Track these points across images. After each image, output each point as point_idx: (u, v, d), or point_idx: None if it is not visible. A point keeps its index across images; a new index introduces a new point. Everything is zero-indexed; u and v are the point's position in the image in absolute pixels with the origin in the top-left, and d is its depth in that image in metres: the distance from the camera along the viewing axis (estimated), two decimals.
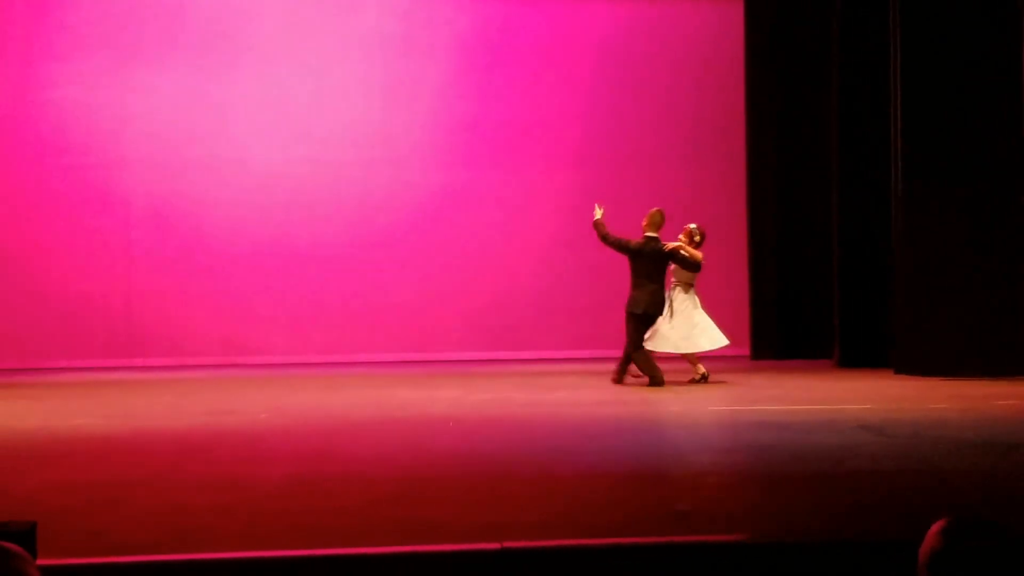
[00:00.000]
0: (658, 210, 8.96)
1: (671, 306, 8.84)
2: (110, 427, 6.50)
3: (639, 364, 8.73)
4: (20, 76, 11.93)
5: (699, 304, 8.94)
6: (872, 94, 10.27)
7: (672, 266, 8.88)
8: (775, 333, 11.56)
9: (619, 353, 9.01)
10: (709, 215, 11.82)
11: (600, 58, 12.29)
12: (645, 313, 8.71)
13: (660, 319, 8.76)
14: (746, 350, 11.57)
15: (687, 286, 8.94)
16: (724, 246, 11.39)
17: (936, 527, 1.81)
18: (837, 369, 10.28)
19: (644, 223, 8.88)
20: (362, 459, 5.24)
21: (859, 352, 10.39)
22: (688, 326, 8.81)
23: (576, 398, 7.93)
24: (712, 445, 5.73)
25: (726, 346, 8.91)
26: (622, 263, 9.60)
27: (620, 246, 8.82)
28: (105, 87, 12.02)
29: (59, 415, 7.16)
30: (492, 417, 6.79)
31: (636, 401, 7.75)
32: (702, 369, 8.94)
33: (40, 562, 2.38)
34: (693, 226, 9.06)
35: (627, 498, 4.26)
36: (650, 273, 8.74)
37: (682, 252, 8.79)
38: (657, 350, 8.77)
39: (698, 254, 8.88)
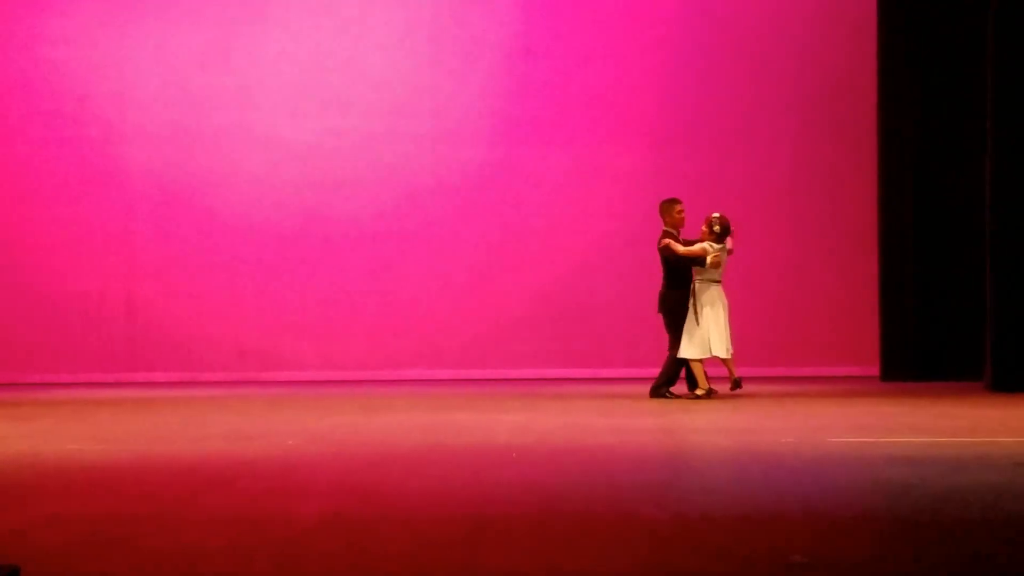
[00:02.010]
0: (664, 200, 9.62)
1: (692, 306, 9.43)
2: (108, 453, 6.60)
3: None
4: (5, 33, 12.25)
5: (715, 305, 9.29)
6: None
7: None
8: (911, 349, 11.40)
9: (722, 371, 9.51)
10: (829, 205, 11.75)
11: (684, 13, 12.25)
12: (662, 314, 9.56)
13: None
14: (875, 369, 11.43)
15: (706, 283, 9.34)
16: (848, 243, 11.28)
17: None
18: (989, 393, 10.10)
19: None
20: (410, 495, 5.26)
21: (1017, 373, 10.19)
22: (687, 330, 9.34)
23: (666, 424, 7.91)
24: (834, 483, 5.65)
25: (723, 356, 9.39)
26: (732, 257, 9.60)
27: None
28: (105, 41, 12.27)
29: (49, 439, 7.29)
30: (565, 447, 6.79)
31: (739, 430, 7.69)
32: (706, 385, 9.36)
33: None
34: (715, 215, 9.41)
35: (730, 546, 4.22)
36: (664, 273, 9.59)
37: (671, 247, 9.34)
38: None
39: (696, 248, 9.31)
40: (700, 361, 9.45)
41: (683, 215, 9.61)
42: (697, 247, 9.40)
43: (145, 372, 12.26)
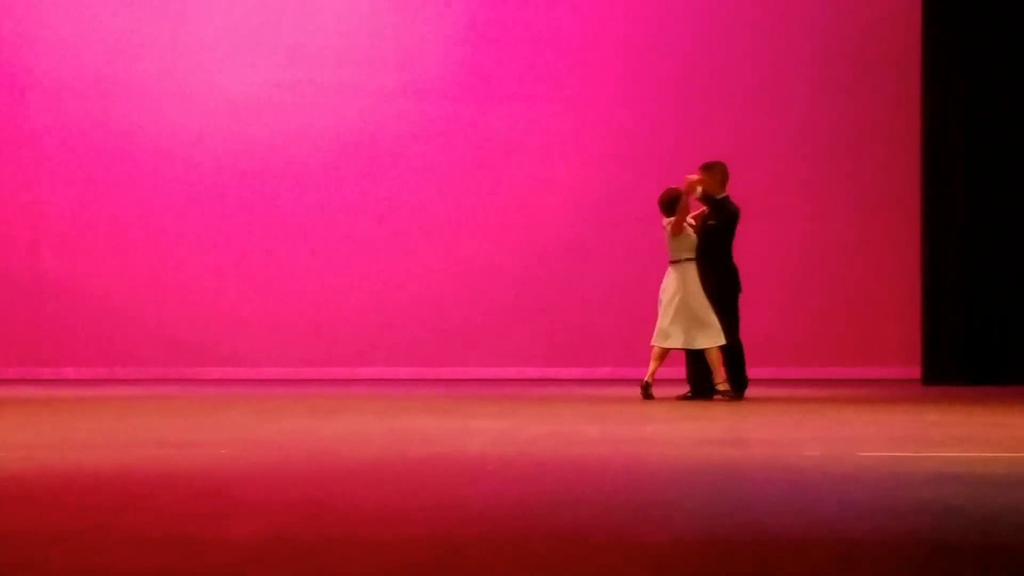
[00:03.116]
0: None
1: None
2: (11, 463, 6.57)
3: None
4: None
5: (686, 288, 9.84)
6: None
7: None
8: (957, 350, 11.47)
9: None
10: (866, 191, 11.79)
11: None
12: None
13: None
14: (916, 371, 11.49)
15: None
16: (887, 233, 11.33)
17: None
18: None
19: None
20: (368, 513, 5.27)
21: None
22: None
23: (669, 434, 7.93)
24: (864, 504, 5.69)
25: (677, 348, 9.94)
26: (737, 243, 9.60)
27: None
28: None
29: None
30: (550, 459, 6.80)
31: (755, 441, 7.72)
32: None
33: None
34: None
35: (739, 575, 4.25)
36: None
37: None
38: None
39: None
40: (719, 351, 9.76)
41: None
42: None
43: (53, 367, 12.23)
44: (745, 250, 10.06)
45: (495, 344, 12.32)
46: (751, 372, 9.99)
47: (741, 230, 9.83)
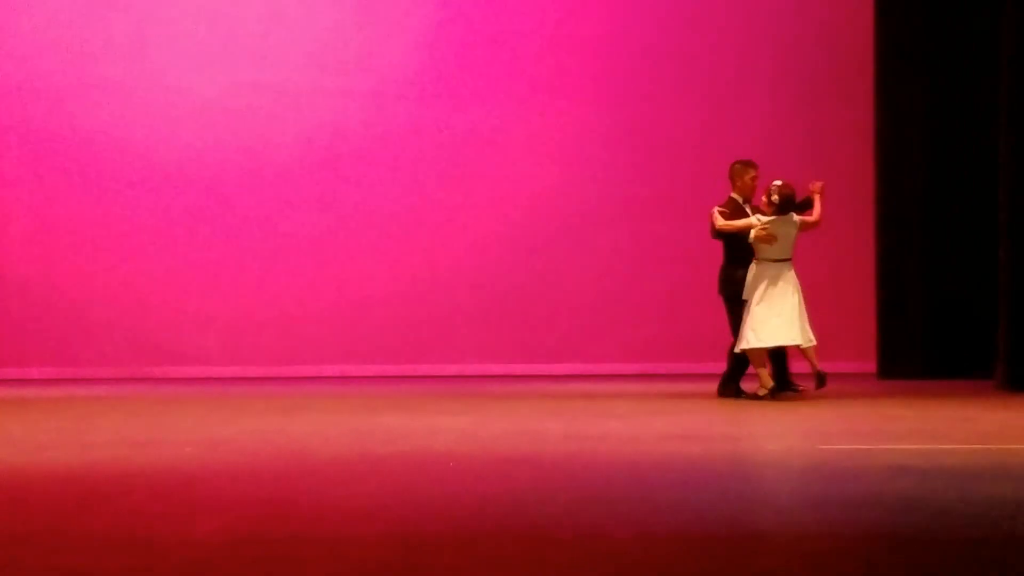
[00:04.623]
0: (735, 163, 9.76)
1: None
2: None
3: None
4: None
5: (772, 287, 9.45)
6: None
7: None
8: (913, 343, 11.51)
9: (709, 367, 9.70)
10: (812, 175, 11.78)
11: None
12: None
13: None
14: (871, 365, 11.53)
15: (763, 263, 9.50)
16: (841, 225, 11.33)
17: None
18: (1001, 393, 10.22)
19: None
20: (332, 512, 5.25)
21: None
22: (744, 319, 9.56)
23: (633, 431, 7.93)
24: (824, 497, 5.71)
25: (766, 345, 9.44)
26: (696, 239, 9.60)
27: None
28: None
29: None
30: (515, 456, 6.79)
31: (717, 436, 7.74)
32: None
33: None
34: (775, 183, 9.48)
35: (703, 569, 4.24)
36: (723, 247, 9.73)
37: (712, 219, 9.55)
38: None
39: (740, 222, 9.44)
40: (762, 352, 9.40)
41: (756, 182, 9.57)
42: (741, 221, 9.40)
43: (16, 367, 12.11)
44: (704, 248, 10.06)
45: (460, 341, 12.29)
46: (713, 367, 9.99)
47: (699, 226, 9.80)
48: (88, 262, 12.21)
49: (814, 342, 9.43)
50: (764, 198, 9.41)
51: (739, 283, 9.46)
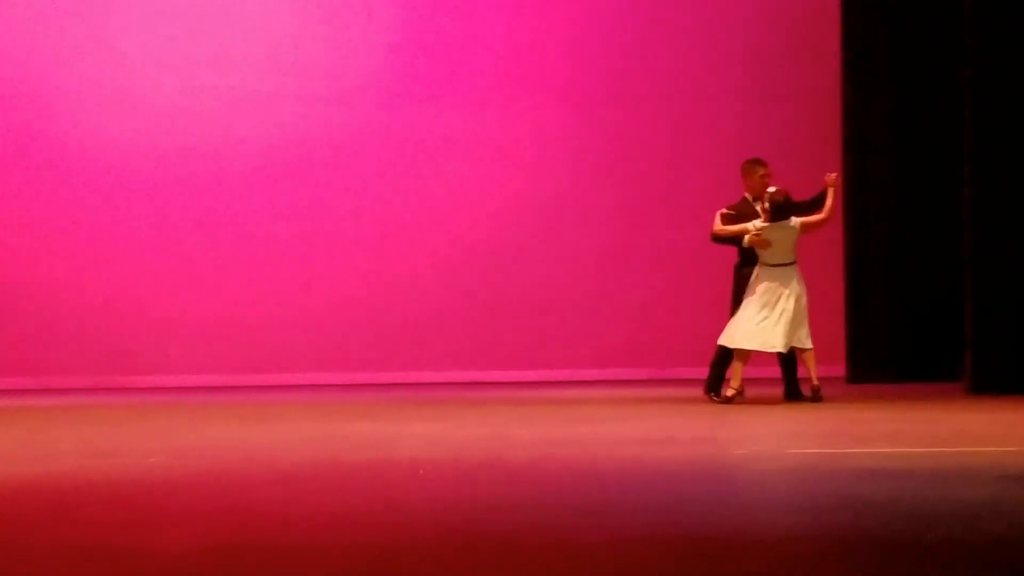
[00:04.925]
0: (745, 162, 9.92)
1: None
2: None
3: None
4: None
5: (766, 292, 9.57)
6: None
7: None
8: (881, 348, 11.56)
9: (676, 372, 9.39)
10: (784, 184, 11.80)
11: None
12: None
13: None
14: (840, 369, 11.58)
15: (764, 268, 9.63)
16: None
17: None
18: (969, 397, 10.29)
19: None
20: (298, 520, 5.22)
21: (1000, 374, 10.39)
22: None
23: (602, 434, 7.94)
24: (793, 501, 5.72)
25: (749, 348, 9.57)
26: (667, 243, 9.61)
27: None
28: None
29: None
30: (483, 462, 6.78)
31: (686, 440, 7.75)
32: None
33: None
34: (769, 190, 9.63)
35: (679, 574, 4.24)
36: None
37: (714, 223, 9.75)
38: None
39: (734, 227, 9.64)
40: (743, 353, 9.55)
41: (767, 180, 9.68)
42: (736, 226, 9.63)
43: None
44: (675, 252, 10.08)
45: (426, 348, 12.26)
46: (681, 372, 10.02)
47: (671, 231, 9.84)
48: (48, 269, 12.11)
49: (809, 347, 9.58)
50: (760, 204, 9.60)
51: (740, 282, 9.68)
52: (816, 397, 9.45)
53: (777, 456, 7.08)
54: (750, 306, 9.52)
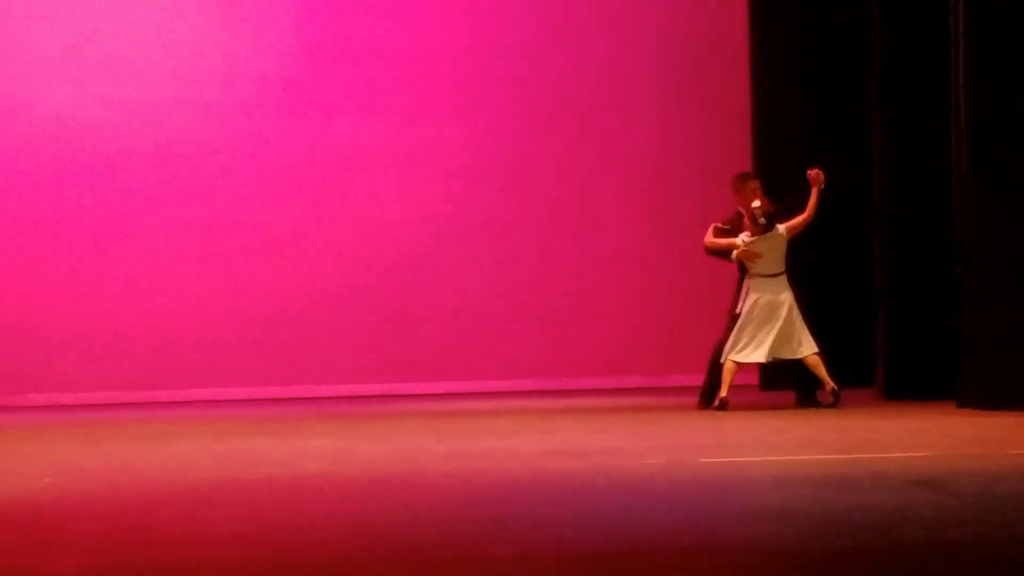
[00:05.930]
0: (735, 176, 10.05)
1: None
2: None
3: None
4: None
5: (756, 304, 9.73)
6: (930, 34, 10.36)
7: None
8: None
9: (589, 382, 9.38)
10: (686, 184, 11.93)
11: None
12: None
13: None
14: (753, 377, 11.69)
15: (753, 279, 9.80)
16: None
17: None
18: (881, 402, 10.45)
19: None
20: (198, 540, 5.16)
21: (911, 380, 10.54)
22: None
23: (514, 447, 7.95)
24: (706, 511, 5.75)
25: (736, 359, 9.73)
26: (577, 252, 9.63)
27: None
28: None
29: None
30: (393, 477, 6.76)
31: (597, 451, 7.77)
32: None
33: None
34: (754, 204, 9.82)
35: None
36: None
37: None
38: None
39: (721, 241, 9.84)
40: (733, 367, 9.68)
41: (757, 194, 9.80)
42: (724, 240, 9.78)
43: None
44: (586, 260, 10.10)
45: (333, 361, 12.19)
46: (593, 382, 10.06)
47: (577, 240, 9.88)
48: None
49: (813, 351, 9.76)
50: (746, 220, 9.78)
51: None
52: (835, 402, 9.57)
53: (690, 466, 7.12)
54: (746, 321, 9.67)
